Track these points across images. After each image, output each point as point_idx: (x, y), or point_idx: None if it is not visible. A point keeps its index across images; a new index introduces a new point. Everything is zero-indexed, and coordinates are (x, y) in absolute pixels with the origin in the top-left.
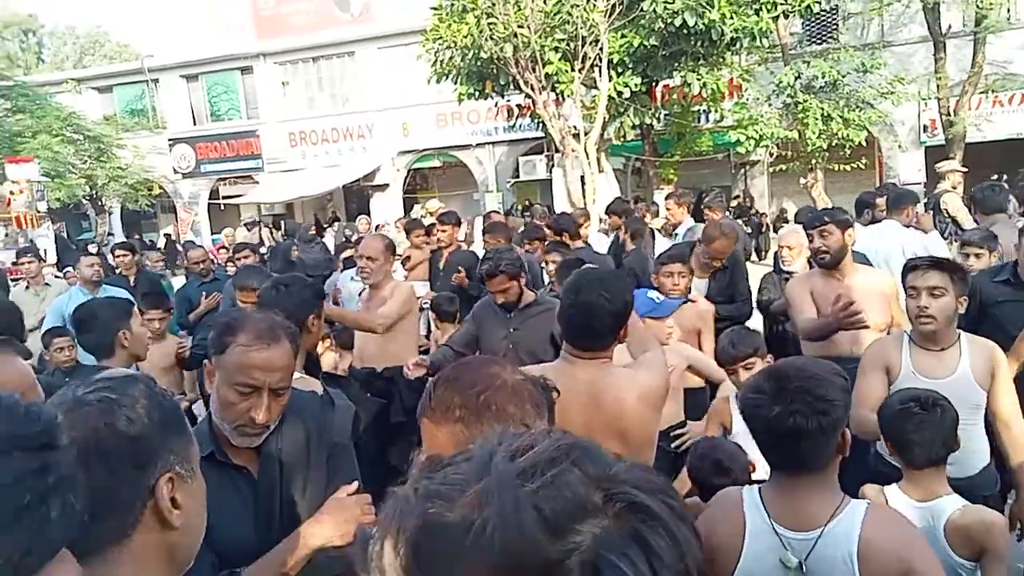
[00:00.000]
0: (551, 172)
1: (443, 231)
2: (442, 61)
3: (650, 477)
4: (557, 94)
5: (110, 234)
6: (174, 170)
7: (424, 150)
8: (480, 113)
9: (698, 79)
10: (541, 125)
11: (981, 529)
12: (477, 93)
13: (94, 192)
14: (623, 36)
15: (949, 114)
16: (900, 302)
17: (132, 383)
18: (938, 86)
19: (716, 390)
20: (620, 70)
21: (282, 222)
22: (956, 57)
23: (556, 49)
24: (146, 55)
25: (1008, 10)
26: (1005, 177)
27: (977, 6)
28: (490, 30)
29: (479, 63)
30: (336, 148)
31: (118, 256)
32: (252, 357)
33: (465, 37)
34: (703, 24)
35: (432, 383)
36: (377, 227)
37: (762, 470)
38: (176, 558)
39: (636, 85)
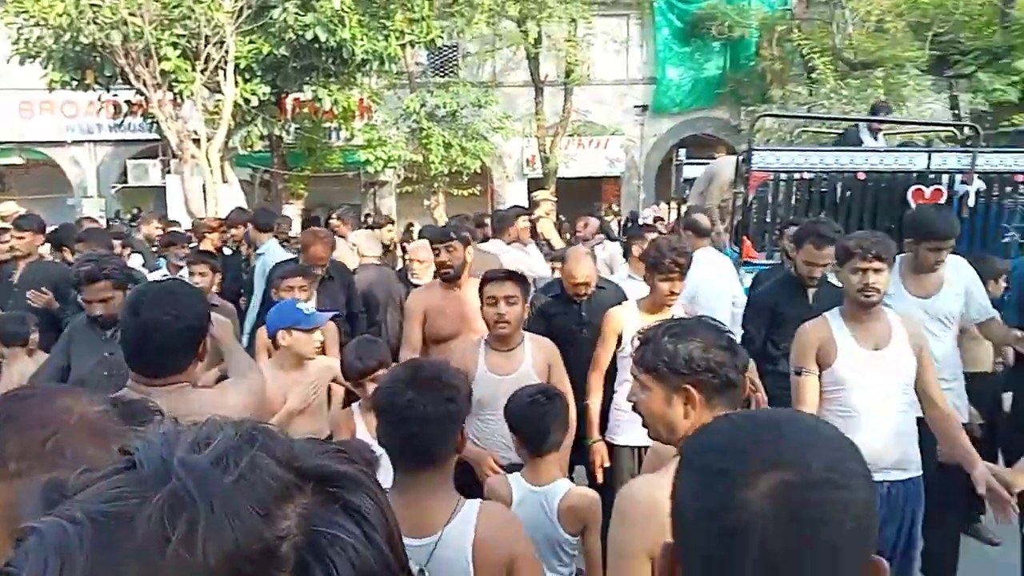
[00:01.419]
0: (166, 178)
1: (20, 238)
2: (28, 40)
3: (332, 448)
4: (175, 94)
5: None
6: None
7: (1, 143)
8: (79, 106)
9: (329, 95)
10: (156, 126)
11: (585, 506)
12: (75, 82)
13: None
14: (251, 42)
15: (545, 151)
16: None
17: None
18: (537, 126)
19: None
20: (248, 77)
21: None
22: (552, 102)
23: (175, 45)
24: None
25: (588, 68)
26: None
27: (567, 61)
28: (93, 12)
29: (78, 48)
30: None
31: None
32: None
33: (60, 16)
34: (335, 41)
35: None
36: None
37: None
38: None
39: (265, 94)
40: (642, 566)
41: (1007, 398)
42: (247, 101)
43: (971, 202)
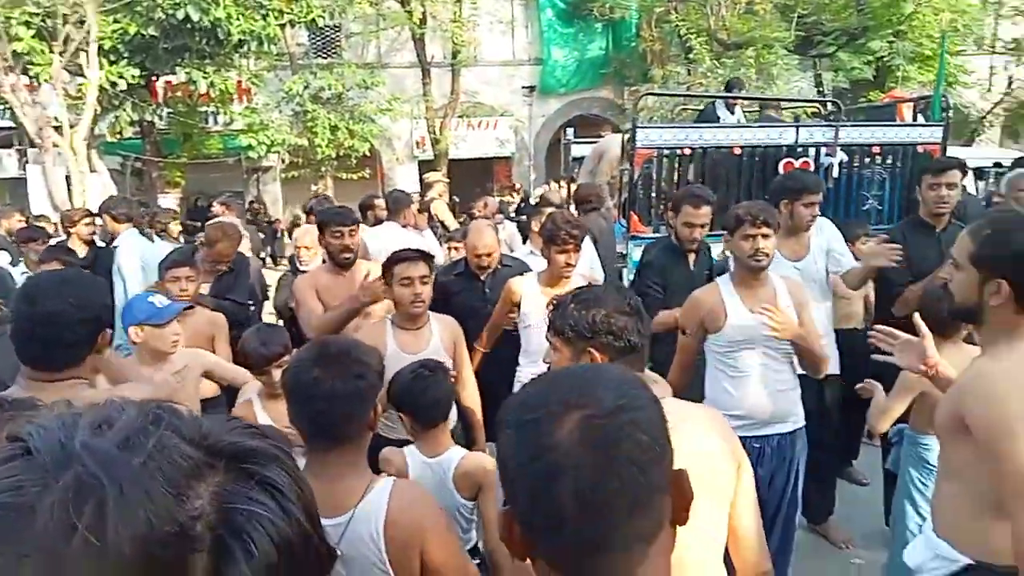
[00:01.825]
0: (25, 169)
1: None
2: None
3: (242, 424)
4: (31, 78)
5: None
6: None
7: None
8: None
9: (205, 77)
10: (10, 113)
11: (479, 471)
12: None
13: None
14: (116, 21)
15: (435, 133)
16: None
17: None
18: (426, 107)
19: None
20: (114, 59)
21: None
22: (440, 83)
23: (28, 24)
24: None
25: (475, 49)
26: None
27: (453, 42)
28: None
29: None
30: None
31: None
32: None
33: None
34: (208, 21)
35: None
36: None
37: None
38: None
39: (133, 77)
40: None
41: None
42: (114, 85)
43: (835, 172)
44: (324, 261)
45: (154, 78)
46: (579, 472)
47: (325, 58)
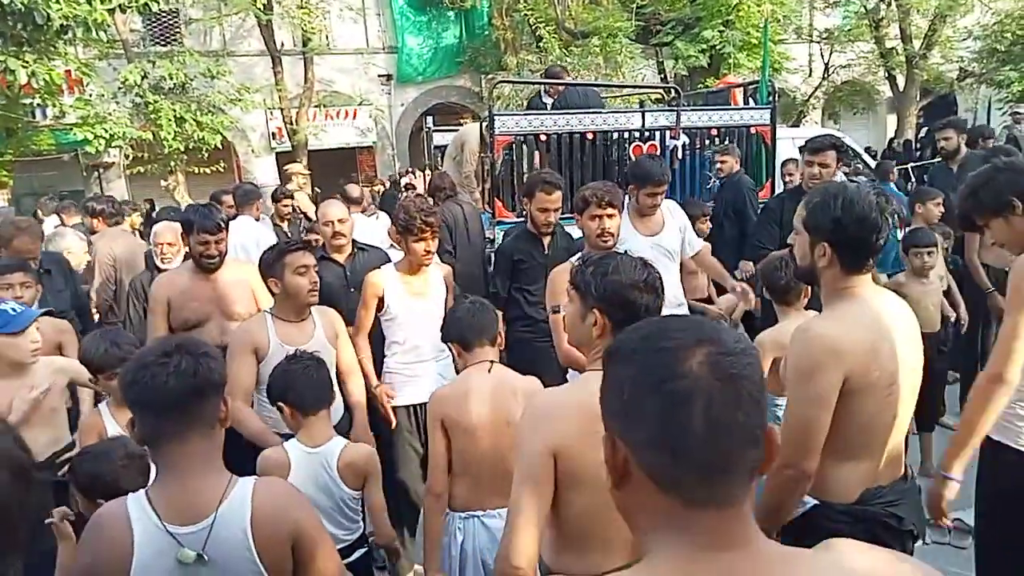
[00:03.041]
0: None
1: None
2: None
3: None
4: None
5: None
6: None
7: None
8: None
9: (24, 67)
10: None
11: (363, 460)
12: None
13: None
14: None
15: (292, 123)
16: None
17: None
18: (280, 97)
19: None
20: None
21: None
22: (292, 72)
23: None
24: None
25: (327, 36)
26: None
27: (303, 29)
28: None
29: None
30: None
31: None
32: None
33: None
34: (21, 3)
35: None
36: None
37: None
38: None
39: None
40: (545, 459)
41: None
42: None
43: (679, 154)
44: (186, 259)
45: None
46: (711, 398)
47: (164, 45)
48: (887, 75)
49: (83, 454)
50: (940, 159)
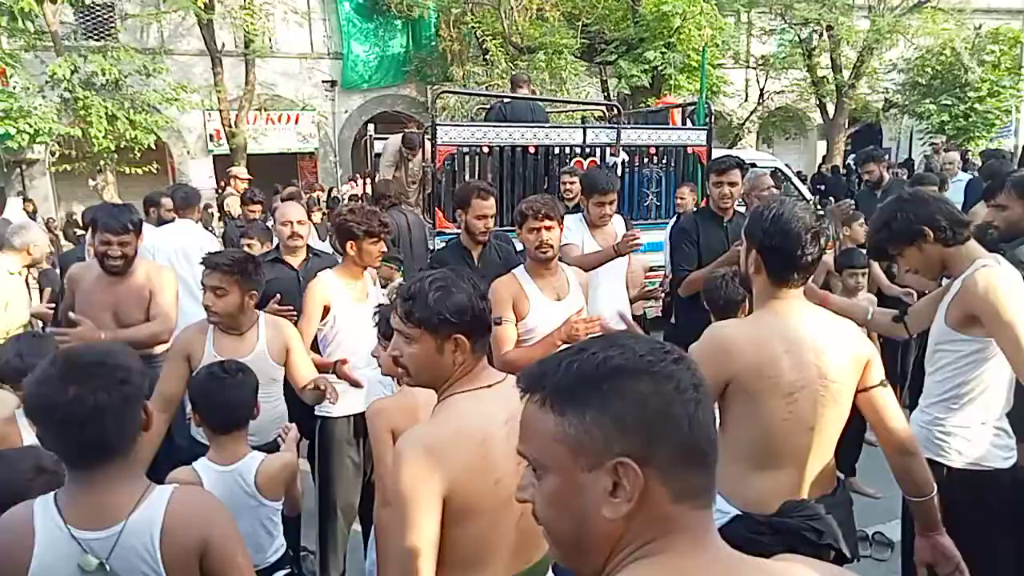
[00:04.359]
0: None
1: None
2: None
3: None
4: None
5: None
6: None
7: None
8: None
9: None
10: None
11: (281, 470)
12: None
13: None
14: None
15: (231, 126)
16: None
17: None
18: (219, 99)
19: None
20: None
21: None
22: (233, 74)
23: None
24: None
25: (270, 39)
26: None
27: (245, 30)
28: None
29: None
30: None
31: None
32: None
33: None
34: None
35: None
36: None
37: None
38: None
39: None
40: (431, 506)
41: None
42: None
43: (619, 171)
44: None
45: None
46: (702, 402)
47: (97, 40)
48: (818, 102)
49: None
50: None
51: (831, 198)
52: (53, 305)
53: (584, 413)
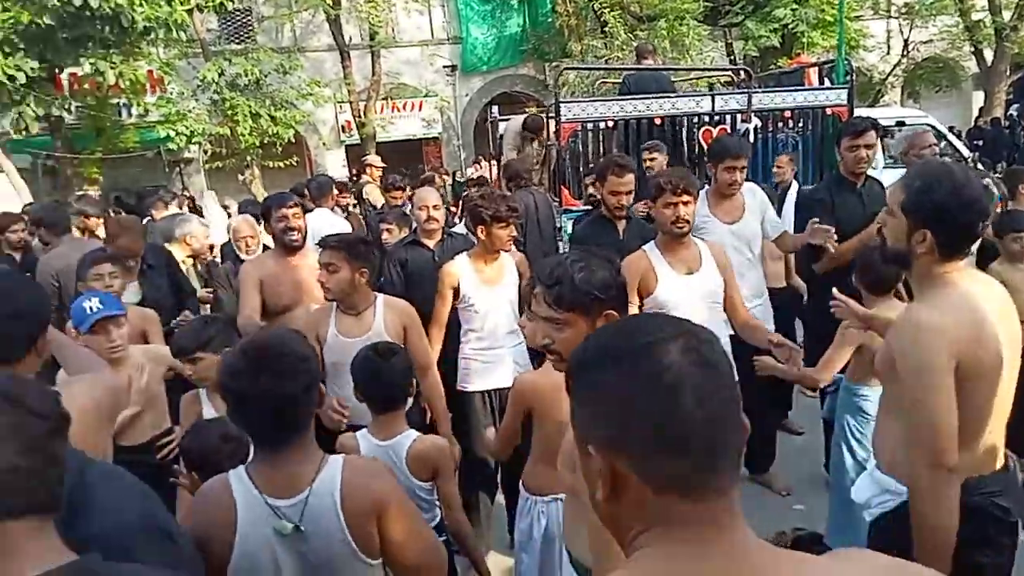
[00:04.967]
0: None
1: None
2: None
3: None
4: None
5: None
6: None
7: None
8: None
9: (112, 68)
10: None
11: (433, 453)
12: None
13: None
14: (6, 10)
15: (360, 117)
16: None
17: None
18: (348, 91)
19: None
20: (8, 51)
21: None
22: (360, 66)
23: None
24: None
25: (393, 29)
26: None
27: (370, 23)
28: None
29: None
30: None
31: None
32: None
33: None
34: (109, 8)
35: None
36: None
37: None
38: None
39: (33, 70)
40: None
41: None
42: (12, 79)
43: (751, 138)
44: (266, 248)
45: (57, 70)
46: (699, 386)
47: (239, 43)
48: (973, 50)
49: (188, 433)
50: None
51: (991, 155)
52: (211, 292)
53: (575, 398)
